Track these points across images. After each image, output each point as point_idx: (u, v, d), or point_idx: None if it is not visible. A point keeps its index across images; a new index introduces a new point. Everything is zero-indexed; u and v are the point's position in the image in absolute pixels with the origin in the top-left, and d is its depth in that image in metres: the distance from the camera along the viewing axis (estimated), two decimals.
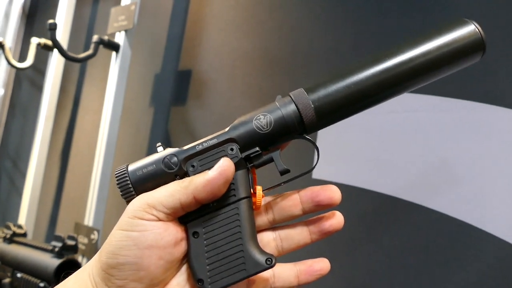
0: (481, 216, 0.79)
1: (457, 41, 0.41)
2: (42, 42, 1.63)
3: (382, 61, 0.41)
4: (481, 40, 0.41)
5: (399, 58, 0.41)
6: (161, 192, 0.36)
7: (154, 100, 1.51)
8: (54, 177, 1.89)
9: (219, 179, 0.36)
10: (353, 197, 0.95)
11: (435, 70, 0.41)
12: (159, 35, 1.53)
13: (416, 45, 0.41)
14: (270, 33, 1.18)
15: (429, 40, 0.41)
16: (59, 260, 1.05)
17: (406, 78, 0.41)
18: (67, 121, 1.89)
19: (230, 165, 0.37)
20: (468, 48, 0.41)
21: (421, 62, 0.40)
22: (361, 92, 0.41)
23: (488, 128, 0.80)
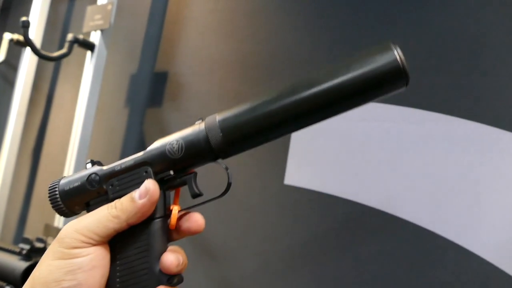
0: (442, 223, 0.81)
1: (373, 70, 0.38)
2: (15, 38, 1.59)
3: (293, 93, 0.40)
4: (401, 69, 0.38)
5: (311, 89, 0.39)
6: (94, 222, 0.38)
7: (129, 101, 1.49)
8: (24, 176, 1.84)
9: (148, 204, 0.38)
10: (323, 204, 0.96)
11: (348, 102, 0.39)
12: (136, 35, 1.51)
13: (331, 75, 0.39)
14: (247, 38, 1.18)
15: (345, 69, 0.39)
16: (27, 263, 1.04)
17: (317, 110, 0.39)
18: (39, 119, 1.85)
19: (156, 188, 0.39)
20: (386, 78, 0.38)
21: (333, 95, 0.39)
22: (270, 123, 0.40)
23: (453, 139, 0.83)
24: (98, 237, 0.38)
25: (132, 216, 0.38)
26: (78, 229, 0.38)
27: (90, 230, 0.38)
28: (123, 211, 0.38)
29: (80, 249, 0.37)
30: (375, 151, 0.92)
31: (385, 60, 0.38)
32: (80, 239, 0.37)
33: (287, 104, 0.40)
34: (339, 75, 0.39)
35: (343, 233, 0.93)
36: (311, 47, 1.05)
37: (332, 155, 0.97)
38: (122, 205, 0.39)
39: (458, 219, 0.80)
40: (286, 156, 1.03)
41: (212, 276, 1.13)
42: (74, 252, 0.37)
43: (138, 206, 0.38)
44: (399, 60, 0.38)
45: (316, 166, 0.99)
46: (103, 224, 0.38)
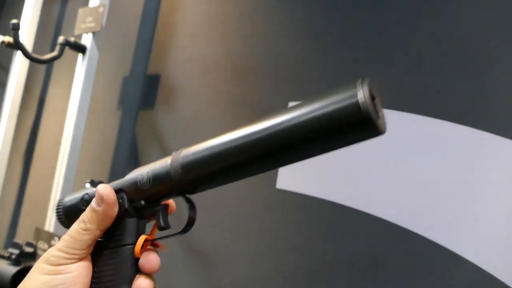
0: (434, 228, 0.81)
1: (331, 113, 0.33)
2: (6, 40, 1.58)
3: (252, 135, 0.36)
4: (362, 113, 0.32)
5: (264, 132, 0.36)
6: (71, 239, 0.41)
7: (121, 104, 1.49)
8: (15, 180, 1.83)
9: (108, 208, 0.41)
10: (314, 208, 0.96)
11: (307, 148, 0.36)
12: (128, 38, 1.51)
13: (290, 119, 0.35)
14: (239, 41, 1.18)
15: (305, 111, 0.35)
16: (16, 268, 1.03)
17: (271, 156, 0.36)
18: (31, 122, 1.84)
19: (108, 191, 0.42)
20: (346, 123, 0.33)
21: (287, 140, 0.35)
22: (227, 164, 0.38)
23: (444, 143, 0.83)
24: (79, 251, 0.41)
25: (100, 223, 0.41)
26: (60, 248, 0.41)
27: (69, 247, 0.41)
28: (90, 222, 0.41)
29: (64, 266, 0.40)
30: (366, 155, 0.92)
31: (345, 102, 0.32)
32: (64, 257, 0.41)
33: (244, 145, 0.37)
34: (294, 118, 0.35)
35: (335, 237, 0.92)
36: (303, 50, 1.05)
37: (324, 159, 0.97)
38: (88, 217, 0.42)
39: (449, 224, 0.80)
40: None
41: (203, 281, 1.12)
42: (59, 269, 0.40)
43: (100, 212, 0.41)
44: (362, 102, 0.31)
45: (308, 171, 0.99)
46: (79, 239, 0.41)
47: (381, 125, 0.33)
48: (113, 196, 0.42)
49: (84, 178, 1.51)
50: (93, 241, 0.42)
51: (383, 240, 0.86)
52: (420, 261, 0.81)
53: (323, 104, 0.34)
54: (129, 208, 0.42)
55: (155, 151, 1.34)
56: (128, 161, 1.41)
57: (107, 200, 0.41)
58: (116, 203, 0.42)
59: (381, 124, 0.33)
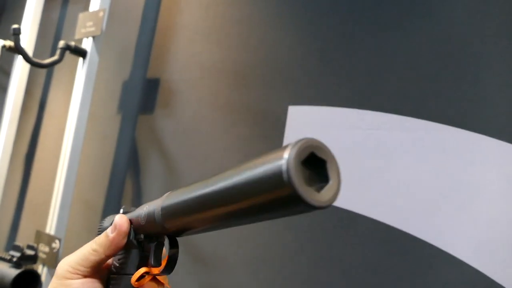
0: (434, 233, 0.82)
1: (257, 180, 0.29)
2: (7, 44, 1.59)
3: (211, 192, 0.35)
4: (284, 184, 0.27)
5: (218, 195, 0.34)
6: (80, 256, 0.44)
7: (121, 108, 1.50)
8: (16, 182, 1.84)
9: (117, 237, 0.44)
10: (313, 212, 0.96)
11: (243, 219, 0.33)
12: (128, 42, 1.52)
13: (225, 181, 0.33)
14: (238, 45, 1.19)
15: (235, 178, 0.32)
16: (17, 271, 1.03)
17: (225, 217, 0.34)
18: (31, 125, 1.85)
19: (122, 222, 0.44)
20: (272, 194, 0.28)
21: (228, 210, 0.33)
22: (196, 216, 0.37)
23: (445, 148, 0.83)
24: (83, 268, 0.43)
25: (107, 249, 0.43)
26: (68, 263, 0.44)
27: (76, 263, 0.44)
28: (100, 245, 0.44)
29: (70, 280, 0.43)
30: (366, 159, 0.92)
31: (270, 170, 0.28)
32: (69, 271, 0.43)
33: (206, 202, 0.35)
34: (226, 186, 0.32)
35: (334, 240, 0.93)
36: (302, 53, 1.06)
37: None
38: (99, 240, 0.44)
39: (447, 227, 0.81)
40: None
41: (203, 284, 1.13)
42: (67, 283, 0.43)
43: (110, 239, 0.43)
44: (284, 171, 0.27)
45: None
46: (86, 257, 0.44)
47: (318, 198, 0.28)
48: (124, 228, 0.44)
49: (84, 182, 1.52)
50: (98, 263, 0.44)
51: (382, 243, 0.87)
52: (419, 264, 0.82)
53: (253, 171, 0.30)
54: (133, 239, 0.44)
55: (155, 154, 1.35)
56: (128, 165, 1.42)
57: (119, 230, 0.43)
58: (127, 234, 0.44)
59: (317, 197, 0.28)
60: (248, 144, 1.11)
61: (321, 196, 0.28)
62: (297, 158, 0.28)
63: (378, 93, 0.93)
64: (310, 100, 1.02)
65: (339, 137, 0.96)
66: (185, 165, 1.25)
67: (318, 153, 0.29)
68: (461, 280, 0.77)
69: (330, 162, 0.30)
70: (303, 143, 0.28)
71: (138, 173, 1.39)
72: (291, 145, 0.28)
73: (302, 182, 0.27)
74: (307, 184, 0.28)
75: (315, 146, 0.29)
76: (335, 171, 0.30)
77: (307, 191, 0.27)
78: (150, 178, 1.34)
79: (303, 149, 0.28)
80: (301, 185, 0.27)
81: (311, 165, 0.29)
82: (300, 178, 0.27)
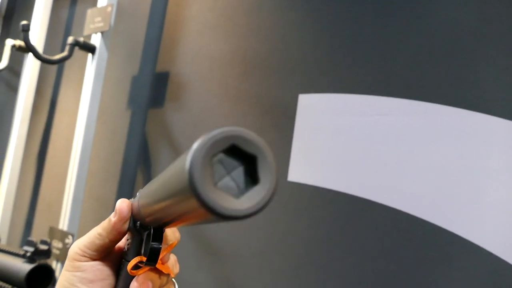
0: (449, 218, 0.80)
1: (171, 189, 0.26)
2: (17, 44, 1.60)
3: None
4: (188, 187, 0.22)
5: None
6: (86, 239, 0.44)
7: (131, 103, 1.50)
8: (29, 180, 1.85)
9: (118, 222, 0.43)
10: (326, 200, 0.95)
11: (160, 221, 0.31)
12: (136, 36, 1.52)
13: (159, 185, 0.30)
14: (247, 36, 1.18)
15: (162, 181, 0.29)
16: (31, 265, 1.03)
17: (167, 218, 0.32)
18: (43, 124, 1.86)
19: (123, 205, 0.43)
20: (183, 200, 0.24)
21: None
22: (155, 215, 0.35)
23: (457, 131, 0.82)
24: (90, 251, 0.43)
25: (109, 233, 0.43)
26: (77, 245, 0.44)
27: (84, 246, 0.44)
28: (103, 229, 0.43)
29: (79, 263, 0.43)
30: (378, 145, 0.91)
31: (179, 168, 0.24)
32: (78, 253, 0.44)
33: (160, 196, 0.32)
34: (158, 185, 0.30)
35: (348, 229, 0.92)
36: (312, 43, 1.04)
37: (335, 150, 0.96)
38: (104, 225, 0.44)
39: (464, 213, 0.79)
40: (289, 152, 1.02)
41: (215, 275, 1.12)
42: (76, 265, 0.43)
43: (111, 224, 0.43)
44: (186, 168, 0.22)
45: (320, 162, 0.99)
46: (92, 241, 0.44)
47: (230, 205, 0.22)
48: (124, 213, 0.42)
49: (96, 178, 1.52)
50: (103, 247, 0.43)
51: (397, 231, 0.85)
52: (436, 251, 0.80)
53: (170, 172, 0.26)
54: (131, 226, 0.42)
55: (165, 149, 1.34)
56: (139, 160, 1.42)
57: (119, 215, 0.42)
58: (127, 219, 0.43)
59: (228, 204, 0.22)
60: (259, 134, 1.10)
61: (238, 203, 0.22)
62: (205, 151, 0.22)
63: (388, 78, 0.91)
64: (320, 88, 1.01)
65: (350, 124, 0.95)
66: None
67: (243, 146, 0.23)
68: (481, 267, 0.75)
69: (262, 158, 0.23)
70: (218, 133, 0.22)
71: (149, 168, 1.38)
72: (202, 136, 0.22)
73: (207, 183, 0.21)
74: (221, 186, 0.22)
75: (236, 136, 0.23)
76: (268, 170, 0.23)
77: (215, 196, 0.21)
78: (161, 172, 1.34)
79: (216, 141, 0.22)
80: (204, 188, 0.21)
81: (236, 162, 0.23)
82: (204, 179, 0.21)
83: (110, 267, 0.45)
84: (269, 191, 0.23)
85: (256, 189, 0.23)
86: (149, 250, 0.38)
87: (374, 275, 0.86)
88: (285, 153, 1.03)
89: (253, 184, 0.23)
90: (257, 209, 0.23)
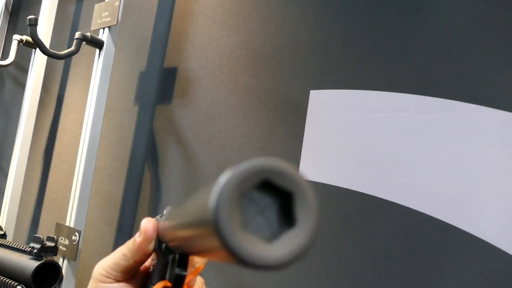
0: (466, 218, 0.77)
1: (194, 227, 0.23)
2: (23, 39, 1.59)
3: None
4: (212, 229, 0.19)
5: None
6: (111, 260, 0.43)
7: (138, 98, 1.48)
8: (36, 177, 1.85)
9: (143, 242, 0.41)
10: (338, 198, 0.93)
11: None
12: (144, 31, 1.50)
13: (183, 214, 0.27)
14: (257, 31, 1.16)
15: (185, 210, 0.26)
16: (37, 262, 1.02)
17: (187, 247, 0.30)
18: (50, 120, 1.85)
19: (147, 225, 0.42)
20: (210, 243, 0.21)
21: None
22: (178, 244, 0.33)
23: (475, 128, 0.79)
24: (114, 272, 0.43)
25: (134, 254, 0.42)
26: (102, 266, 0.44)
27: (108, 267, 0.43)
28: (128, 250, 0.42)
29: (104, 284, 0.42)
30: (392, 143, 0.88)
31: (202, 204, 0.21)
32: (103, 274, 0.43)
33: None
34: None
35: (359, 227, 0.89)
36: (322, 36, 1.02)
37: (347, 147, 0.94)
38: (128, 245, 0.43)
39: (482, 213, 0.76)
40: (300, 150, 1.00)
41: (225, 274, 1.10)
42: (100, 286, 0.42)
43: (136, 244, 0.42)
44: (211, 208, 0.19)
45: (331, 160, 0.96)
46: (116, 261, 0.43)
47: (262, 252, 0.18)
48: (149, 233, 0.41)
49: (103, 174, 1.51)
50: (128, 268, 0.42)
51: (411, 231, 0.83)
52: (451, 251, 0.78)
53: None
54: (157, 248, 0.41)
55: (173, 145, 1.33)
56: (146, 157, 1.40)
57: (144, 235, 0.41)
58: (152, 240, 0.41)
59: (260, 251, 0.18)
60: (269, 130, 1.08)
61: (271, 250, 0.19)
62: (234, 188, 0.18)
63: (402, 74, 0.89)
64: (332, 84, 0.99)
65: (363, 121, 0.93)
66: (204, 155, 1.23)
67: (278, 181, 0.19)
68: (496, 267, 0.73)
69: (300, 194, 0.20)
70: (249, 166, 0.19)
71: (156, 164, 1.37)
72: (230, 169, 0.19)
73: (234, 225, 0.18)
74: (251, 228, 0.18)
75: (270, 170, 0.19)
76: (308, 210, 0.19)
77: (243, 241, 0.18)
78: (169, 169, 1.32)
79: (247, 176, 0.19)
80: (231, 231, 0.18)
81: (269, 199, 0.19)
82: (231, 220, 0.18)
83: (137, 285, 0.44)
84: (308, 235, 0.19)
85: (292, 232, 0.19)
86: (174, 277, 0.37)
87: (387, 273, 0.84)
88: (296, 151, 1.01)
89: (288, 225, 0.20)
90: (293, 258, 0.19)
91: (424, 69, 0.86)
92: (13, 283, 1.02)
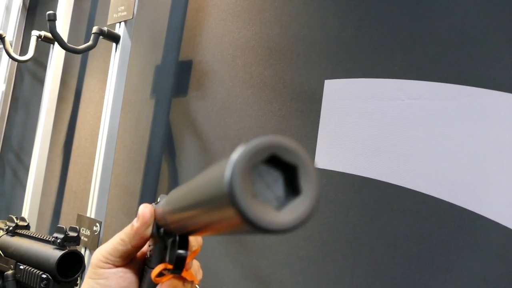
0: (485, 203, 0.77)
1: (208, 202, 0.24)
2: (42, 34, 1.62)
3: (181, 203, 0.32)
4: (227, 199, 0.21)
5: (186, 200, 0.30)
6: (109, 245, 0.44)
7: (154, 92, 1.50)
8: (56, 170, 1.89)
9: (141, 227, 0.42)
10: (355, 186, 0.94)
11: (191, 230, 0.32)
12: (159, 25, 1.51)
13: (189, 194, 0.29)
14: (271, 22, 1.16)
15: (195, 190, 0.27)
16: (61, 252, 1.05)
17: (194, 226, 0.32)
18: (68, 114, 1.89)
19: (145, 210, 0.42)
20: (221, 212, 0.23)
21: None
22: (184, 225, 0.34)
23: (492, 114, 0.79)
24: (113, 258, 0.43)
25: (132, 239, 0.42)
26: (100, 252, 0.44)
27: (107, 252, 0.43)
28: (126, 235, 0.43)
29: (102, 270, 0.43)
30: (409, 130, 0.88)
31: (216, 179, 0.23)
32: (101, 260, 0.43)
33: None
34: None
35: (378, 215, 0.90)
36: (338, 26, 1.02)
37: (364, 136, 0.95)
38: (126, 230, 0.43)
39: (501, 198, 0.76)
40: (315, 138, 1.01)
41: (242, 263, 1.12)
42: (99, 272, 0.43)
43: (134, 229, 0.42)
44: (226, 181, 0.21)
45: (347, 149, 0.97)
46: (114, 247, 0.43)
47: (273, 218, 0.21)
48: (147, 218, 0.42)
49: (121, 166, 1.54)
50: (126, 254, 0.43)
51: (429, 217, 0.83)
52: (470, 237, 0.78)
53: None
54: (155, 232, 0.42)
55: (189, 137, 1.34)
56: (163, 148, 1.43)
57: (141, 220, 0.42)
58: (149, 224, 0.42)
59: (272, 217, 0.21)
60: (284, 120, 1.09)
61: (279, 216, 0.21)
62: (246, 162, 0.21)
63: (418, 61, 0.88)
64: (347, 73, 0.99)
65: (378, 109, 0.93)
66: (220, 146, 1.24)
67: (284, 156, 0.22)
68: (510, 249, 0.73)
69: (303, 167, 0.22)
70: (259, 143, 0.21)
71: (173, 156, 1.39)
72: (241, 146, 0.22)
73: (247, 195, 0.21)
74: (261, 198, 0.21)
75: (276, 146, 0.22)
76: (310, 180, 0.22)
77: (256, 209, 0.21)
78: (185, 160, 1.34)
79: (257, 151, 0.21)
80: (245, 200, 0.20)
81: (276, 172, 0.22)
82: (245, 191, 0.21)
83: (133, 274, 0.44)
84: (311, 202, 0.22)
85: (297, 200, 0.22)
86: (175, 258, 0.38)
87: (405, 260, 0.85)
88: (312, 140, 1.02)
89: (294, 195, 0.22)
90: (300, 222, 0.22)
91: (439, 56, 0.86)
92: (38, 272, 1.06)
